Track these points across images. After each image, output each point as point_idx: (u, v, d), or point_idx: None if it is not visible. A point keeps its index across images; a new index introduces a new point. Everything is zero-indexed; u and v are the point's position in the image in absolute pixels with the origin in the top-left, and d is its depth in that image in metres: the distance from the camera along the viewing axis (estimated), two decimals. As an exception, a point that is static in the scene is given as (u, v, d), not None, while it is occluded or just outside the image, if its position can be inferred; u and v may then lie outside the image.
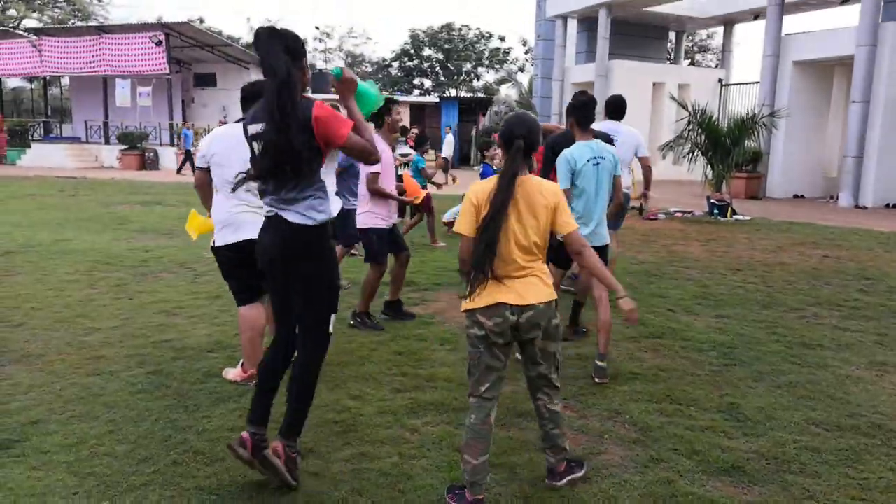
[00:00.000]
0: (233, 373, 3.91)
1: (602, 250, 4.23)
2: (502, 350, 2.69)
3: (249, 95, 3.41)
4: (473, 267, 2.56)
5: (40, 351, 4.34)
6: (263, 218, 2.82)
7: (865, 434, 3.34)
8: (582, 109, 4.23)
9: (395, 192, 5.31)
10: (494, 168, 7.63)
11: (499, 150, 7.81)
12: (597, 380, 4.00)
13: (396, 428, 3.29)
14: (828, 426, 3.43)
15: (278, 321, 2.87)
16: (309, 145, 2.59)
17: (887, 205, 15.90)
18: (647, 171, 6.56)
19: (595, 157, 4.14)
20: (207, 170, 3.74)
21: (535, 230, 2.62)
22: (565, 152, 4.13)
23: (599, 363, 4.04)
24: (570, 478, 2.83)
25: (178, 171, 22.24)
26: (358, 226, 5.16)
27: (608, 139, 4.73)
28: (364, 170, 5.01)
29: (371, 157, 2.72)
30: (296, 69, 2.58)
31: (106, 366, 4.08)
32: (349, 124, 2.62)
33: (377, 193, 5.04)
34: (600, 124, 6.04)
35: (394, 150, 7.54)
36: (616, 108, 6.14)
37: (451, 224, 9.79)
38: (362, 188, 5.11)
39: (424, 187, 9.52)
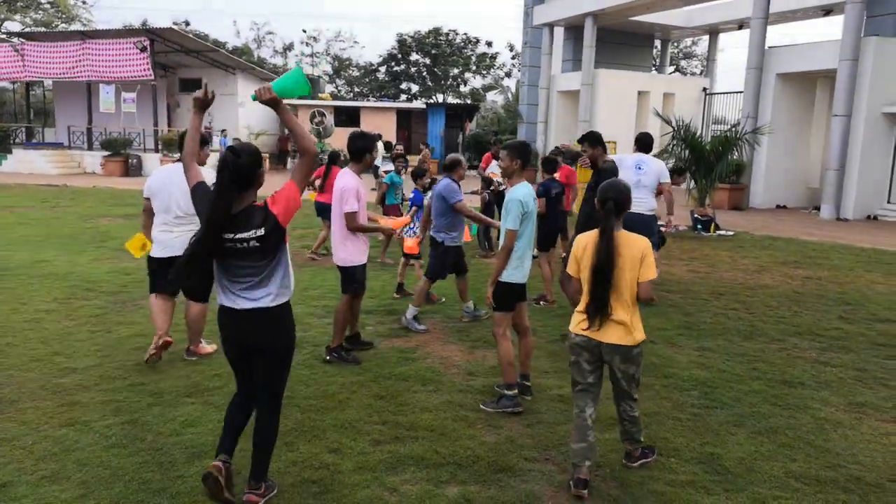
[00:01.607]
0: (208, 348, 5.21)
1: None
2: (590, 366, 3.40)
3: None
4: (590, 307, 3.29)
5: (13, 396, 4.25)
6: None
7: (844, 489, 3.35)
8: (527, 153, 4.36)
9: (370, 223, 5.26)
10: (425, 195, 7.49)
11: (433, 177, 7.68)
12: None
13: (375, 487, 3.25)
14: (807, 480, 3.44)
15: (244, 391, 3.18)
16: (282, 239, 2.97)
17: (868, 216, 16.08)
18: (668, 195, 7.45)
19: (533, 196, 4.31)
20: (149, 199, 4.89)
21: (626, 281, 3.24)
22: (518, 195, 4.16)
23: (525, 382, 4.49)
24: (642, 461, 3.53)
25: None
26: (341, 264, 5.11)
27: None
28: (342, 208, 4.92)
29: (311, 152, 2.96)
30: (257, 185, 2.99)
31: (80, 414, 4.01)
32: (292, 187, 2.94)
33: (359, 230, 5.00)
34: (632, 155, 7.38)
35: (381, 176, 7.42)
36: (644, 143, 7.38)
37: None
38: (337, 227, 5.03)
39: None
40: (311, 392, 4.46)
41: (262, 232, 2.86)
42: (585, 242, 3.35)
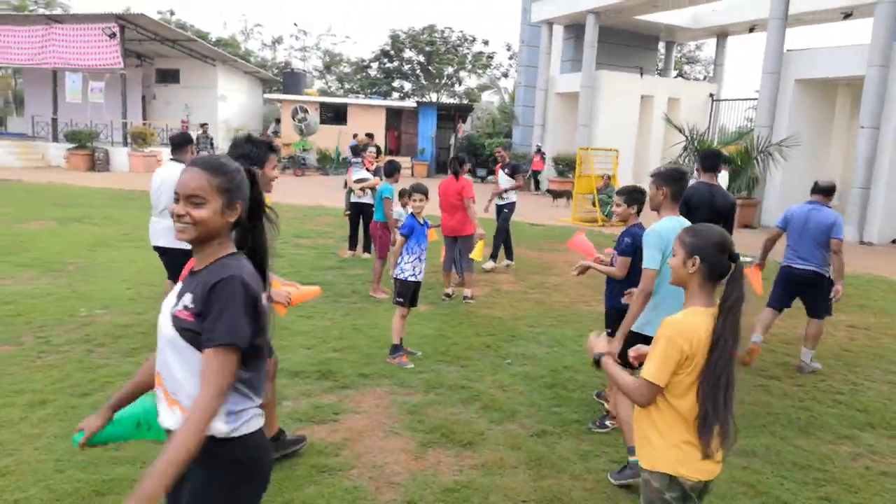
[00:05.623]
0: None
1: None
2: None
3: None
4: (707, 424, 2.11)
5: None
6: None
7: None
8: (679, 182, 3.72)
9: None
10: (418, 218, 5.41)
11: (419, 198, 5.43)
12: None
13: None
14: None
15: None
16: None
17: (893, 241, 14.57)
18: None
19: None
20: None
21: None
22: (656, 227, 3.58)
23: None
24: None
25: None
26: None
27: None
28: None
29: None
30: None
31: None
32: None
33: None
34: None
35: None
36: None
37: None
38: None
39: (387, 228, 7.96)
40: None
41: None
42: (704, 332, 2.13)
